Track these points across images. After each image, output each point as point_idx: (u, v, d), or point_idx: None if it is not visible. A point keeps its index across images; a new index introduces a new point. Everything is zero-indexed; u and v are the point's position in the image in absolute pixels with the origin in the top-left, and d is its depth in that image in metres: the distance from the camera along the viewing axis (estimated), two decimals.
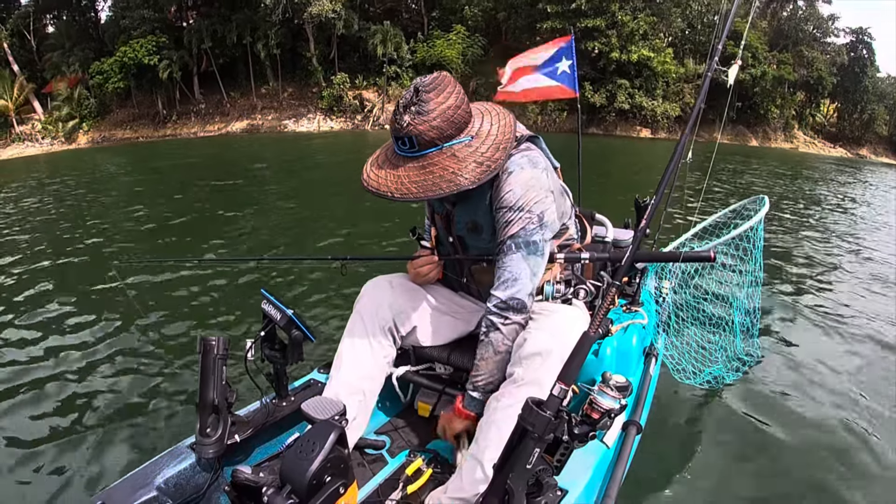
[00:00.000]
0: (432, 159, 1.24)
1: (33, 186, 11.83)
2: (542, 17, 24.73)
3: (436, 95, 1.22)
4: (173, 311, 3.86)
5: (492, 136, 1.28)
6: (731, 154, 20.21)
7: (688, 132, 1.42)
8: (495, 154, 1.25)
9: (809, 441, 2.37)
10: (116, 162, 16.83)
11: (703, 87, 1.50)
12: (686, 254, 1.36)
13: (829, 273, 5.07)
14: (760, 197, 2.35)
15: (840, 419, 2.55)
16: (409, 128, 1.21)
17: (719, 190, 10.05)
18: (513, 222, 1.31)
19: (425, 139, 1.22)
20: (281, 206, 7.99)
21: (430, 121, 1.21)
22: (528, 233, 1.32)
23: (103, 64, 26.26)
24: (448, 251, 1.58)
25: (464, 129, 1.26)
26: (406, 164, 1.26)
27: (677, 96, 26.03)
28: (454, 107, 1.23)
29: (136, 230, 6.73)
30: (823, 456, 2.28)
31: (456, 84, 1.27)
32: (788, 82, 28.68)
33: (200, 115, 28.61)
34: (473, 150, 1.25)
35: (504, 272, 1.34)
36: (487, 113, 1.34)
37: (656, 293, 2.30)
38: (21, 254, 5.66)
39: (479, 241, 1.47)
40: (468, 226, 1.46)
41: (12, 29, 28.34)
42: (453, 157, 1.23)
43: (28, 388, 2.86)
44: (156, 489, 1.22)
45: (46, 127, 27.20)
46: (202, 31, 26.15)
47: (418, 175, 1.23)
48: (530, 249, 1.33)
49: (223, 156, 16.96)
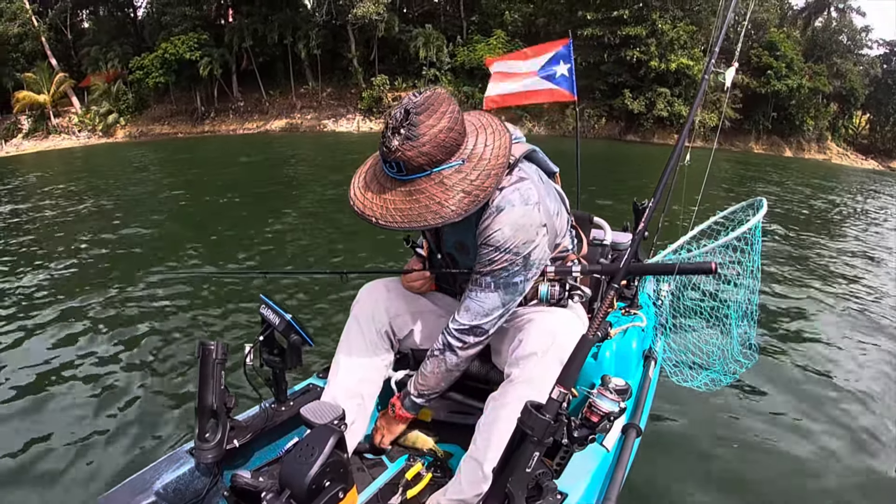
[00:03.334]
0: (419, 185, 1.18)
1: (68, 178, 12.36)
2: (583, 24, 24.98)
3: (427, 118, 1.14)
4: (173, 315, 3.85)
5: (483, 161, 1.21)
6: (752, 164, 19.91)
7: (685, 135, 1.42)
8: (485, 182, 1.19)
9: (809, 442, 2.37)
10: (157, 157, 17.18)
11: (700, 90, 1.50)
12: (682, 266, 1.35)
13: (830, 277, 5.08)
14: (759, 199, 2.35)
15: (840, 421, 2.56)
16: (397, 153, 1.14)
17: (723, 196, 10.06)
18: (496, 262, 1.26)
19: (413, 165, 1.15)
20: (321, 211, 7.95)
21: (420, 147, 1.14)
22: (511, 274, 1.28)
23: (144, 59, 26.71)
24: (440, 264, 1.57)
25: (455, 151, 1.19)
26: (393, 187, 1.20)
27: (714, 105, 26.22)
28: (446, 129, 1.16)
29: (155, 230, 6.74)
30: (823, 457, 2.28)
31: (450, 102, 1.20)
32: (822, 93, 28.67)
33: (239, 112, 29.06)
34: (463, 176, 1.18)
35: (473, 303, 1.32)
36: (483, 129, 1.27)
37: (655, 296, 2.30)
38: (23, 254, 5.65)
39: (468, 259, 1.45)
40: (456, 245, 1.46)
41: (50, 23, 28.95)
42: (441, 185, 1.17)
43: (26, 392, 2.86)
44: (154, 494, 1.21)
45: (83, 120, 27.76)
46: (243, 30, 26.60)
47: (404, 202, 1.18)
48: (508, 291, 1.30)
49: (267, 152, 17.37)
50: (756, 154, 26.15)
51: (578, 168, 3.31)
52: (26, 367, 3.14)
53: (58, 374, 3.06)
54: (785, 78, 26.24)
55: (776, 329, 3.64)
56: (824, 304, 4.22)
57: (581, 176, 3.17)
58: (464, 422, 1.60)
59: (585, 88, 26.58)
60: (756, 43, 27.43)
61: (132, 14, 31.60)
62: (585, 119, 26.47)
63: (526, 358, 1.29)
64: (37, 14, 28.15)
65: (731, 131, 27.31)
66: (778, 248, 6.06)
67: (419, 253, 1.64)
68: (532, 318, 1.39)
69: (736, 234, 2.11)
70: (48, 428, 2.54)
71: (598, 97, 26.52)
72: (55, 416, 2.65)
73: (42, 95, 27.01)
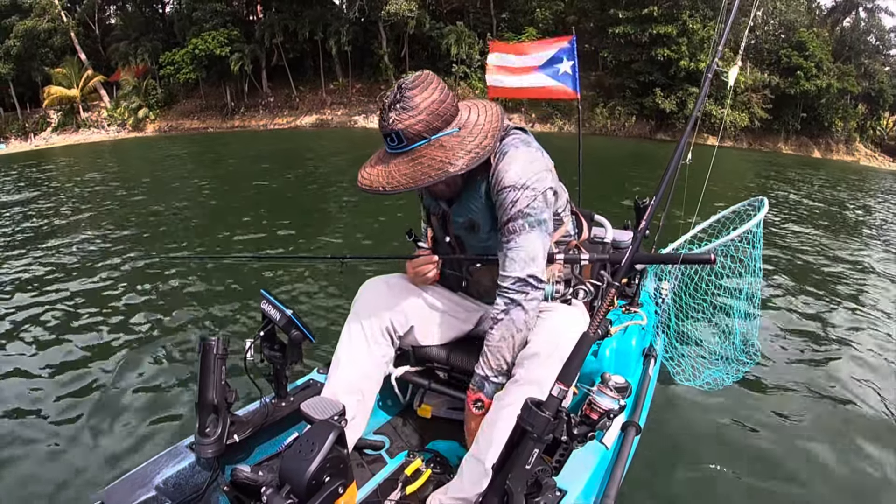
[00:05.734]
0: (421, 151, 1.25)
1: (99, 169, 13.02)
2: (613, 22, 25.05)
3: (420, 92, 1.23)
4: (174, 309, 3.86)
5: (479, 126, 1.29)
6: (776, 164, 19.58)
7: (687, 133, 1.42)
8: (483, 141, 1.26)
9: (809, 443, 2.37)
10: (189, 150, 17.55)
11: (703, 88, 1.50)
12: (686, 255, 1.36)
13: (833, 277, 5.07)
14: (760, 198, 2.34)
15: (841, 421, 2.56)
16: (395, 123, 1.22)
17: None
18: (519, 200, 1.29)
19: (412, 133, 1.23)
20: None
21: (416, 115, 1.22)
22: (538, 210, 1.30)
23: (174, 55, 27.08)
24: (446, 251, 1.57)
25: (451, 121, 1.27)
26: (396, 159, 1.27)
27: (745, 106, 26.10)
28: (439, 101, 1.25)
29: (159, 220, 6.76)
30: (823, 458, 2.28)
31: (440, 82, 1.29)
32: (851, 94, 28.50)
33: (269, 108, 29.45)
34: (461, 139, 1.26)
35: (520, 251, 1.29)
36: (474, 106, 1.36)
37: (656, 294, 2.30)
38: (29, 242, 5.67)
39: (477, 240, 1.46)
40: (465, 224, 1.45)
41: (79, 19, 29.66)
42: (441, 148, 1.24)
43: (26, 384, 2.87)
44: (155, 489, 1.22)
45: (113, 115, 28.46)
46: (274, 26, 26.89)
47: (408, 167, 1.24)
48: (542, 227, 1.32)
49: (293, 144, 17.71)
50: (784, 154, 25.89)
51: (580, 166, 3.31)
52: (23, 357, 3.16)
53: (58, 366, 3.07)
54: (814, 78, 26.07)
55: (780, 328, 3.63)
56: (830, 304, 4.21)
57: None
58: (463, 418, 1.60)
59: (617, 87, 26.82)
60: (786, 43, 27.31)
61: (160, 10, 32.09)
62: (616, 118, 26.47)
63: (530, 359, 1.29)
64: (65, 9, 28.88)
65: (761, 131, 27.14)
66: (785, 246, 6.05)
67: (422, 246, 1.63)
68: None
69: (737, 232, 2.11)
70: (48, 421, 2.55)
71: (629, 95, 26.46)
72: (55, 408, 2.65)
73: (72, 90, 27.78)
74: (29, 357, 3.22)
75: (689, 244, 2.56)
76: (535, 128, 26.44)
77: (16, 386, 2.88)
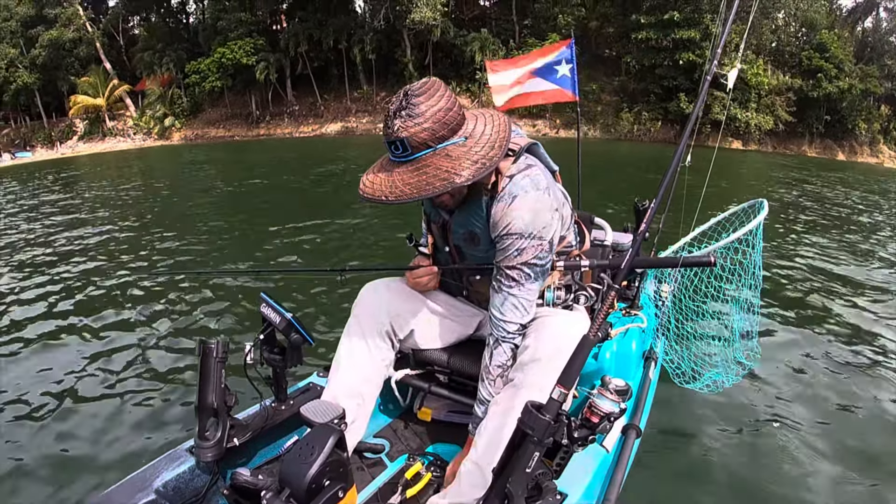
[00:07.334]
0: (426, 161, 1.21)
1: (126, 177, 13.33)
2: (636, 28, 24.99)
3: (426, 99, 1.20)
4: (174, 314, 3.86)
5: (486, 136, 1.26)
6: (798, 167, 19.17)
7: (686, 135, 1.42)
8: (490, 152, 1.23)
9: (809, 444, 2.37)
10: (214, 157, 17.81)
11: (702, 90, 1.50)
12: (685, 258, 1.36)
13: (833, 279, 5.06)
14: (759, 201, 2.35)
15: (841, 422, 2.55)
16: (399, 131, 1.18)
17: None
18: (525, 249, 1.29)
19: (417, 141, 1.19)
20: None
21: (421, 123, 1.18)
22: (543, 260, 1.33)
23: (200, 64, 27.34)
24: (446, 259, 1.57)
25: (457, 130, 1.24)
26: (400, 167, 1.23)
27: (769, 109, 26.06)
28: (445, 109, 1.21)
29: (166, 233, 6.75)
30: (823, 458, 2.28)
31: (447, 89, 1.25)
32: (873, 95, 28.28)
33: (294, 116, 29.65)
34: (468, 149, 1.22)
35: (519, 300, 1.34)
36: (481, 116, 1.33)
37: (655, 297, 2.30)
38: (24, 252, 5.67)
39: (476, 251, 1.45)
40: (465, 236, 1.44)
41: (104, 29, 30.10)
42: (447, 157, 1.20)
43: (26, 385, 2.86)
44: (154, 492, 1.22)
45: (139, 123, 28.83)
46: (299, 35, 27.12)
47: (412, 177, 1.20)
48: (543, 276, 1.37)
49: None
50: (809, 158, 25.64)
51: (579, 168, 3.31)
52: (24, 357, 3.15)
53: (58, 366, 3.07)
54: (836, 80, 25.89)
55: (779, 329, 3.63)
56: (831, 305, 4.21)
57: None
58: (463, 421, 1.60)
59: (641, 92, 26.76)
60: (807, 45, 27.17)
61: (184, 20, 32.47)
62: (641, 122, 26.43)
63: (531, 364, 1.29)
64: (90, 20, 29.37)
65: (785, 134, 26.92)
66: (787, 249, 6.04)
67: (423, 252, 1.63)
68: (537, 322, 1.39)
69: (737, 235, 2.11)
70: (48, 425, 2.54)
71: (653, 100, 26.33)
72: (54, 410, 2.65)
73: (98, 99, 28.15)
74: (29, 357, 3.22)
75: (688, 247, 2.57)
76: (560, 133, 26.37)
77: (16, 387, 2.87)
